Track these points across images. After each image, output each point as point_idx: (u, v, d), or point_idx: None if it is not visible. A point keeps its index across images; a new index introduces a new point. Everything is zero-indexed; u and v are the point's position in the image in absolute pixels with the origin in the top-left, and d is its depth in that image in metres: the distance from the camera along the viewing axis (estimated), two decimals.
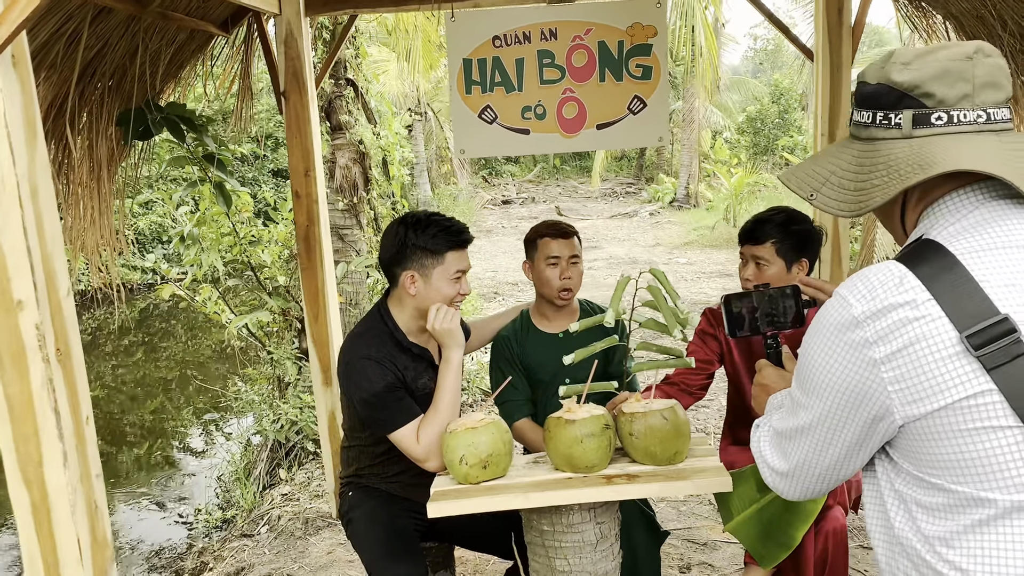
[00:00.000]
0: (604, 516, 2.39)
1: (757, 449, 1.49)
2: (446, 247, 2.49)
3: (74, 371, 1.76)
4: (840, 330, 1.21)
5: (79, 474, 1.73)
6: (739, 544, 3.79)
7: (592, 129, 3.89)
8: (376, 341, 2.51)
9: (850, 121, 1.41)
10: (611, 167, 27.76)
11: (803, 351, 1.30)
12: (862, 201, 1.29)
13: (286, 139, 3.86)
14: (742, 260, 2.73)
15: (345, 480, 2.77)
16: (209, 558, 4.09)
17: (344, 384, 2.52)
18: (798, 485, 1.40)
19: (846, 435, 1.26)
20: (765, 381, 1.73)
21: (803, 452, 1.34)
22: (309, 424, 4.88)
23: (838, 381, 1.22)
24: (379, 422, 2.45)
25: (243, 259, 4.86)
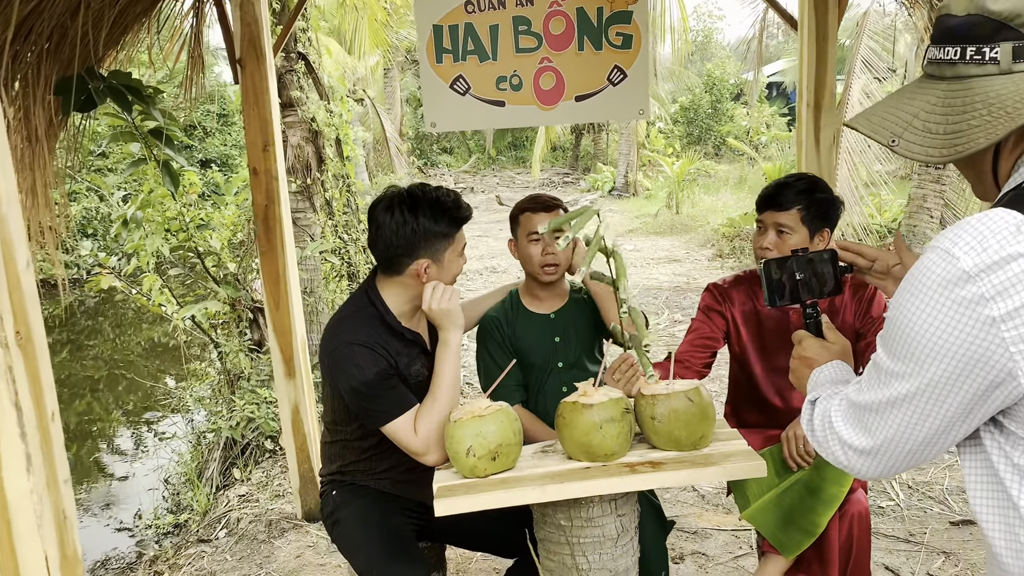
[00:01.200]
0: (624, 508, 2.20)
1: (822, 426, 1.34)
2: (456, 227, 2.28)
3: (37, 358, 1.48)
4: (946, 287, 1.08)
5: (45, 479, 1.46)
6: (731, 532, 3.67)
7: (571, 101, 3.69)
8: (365, 325, 2.27)
9: (924, 60, 1.27)
10: (547, 157, 27.65)
11: (895, 314, 1.15)
12: (957, 145, 1.16)
13: (242, 111, 3.57)
14: (759, 228, 2.57)
15: (327, 478, 2.52)
16: (163, 567, 3.78)
17: (329, 373, 2.27)
18: (882, 463, 1.25)
19: (951, 405, 1.12)
20: (807, 354, 1.57)
21: (895, 426, 1.19)
22: (267, 420, 4.58)
23: (946, 345, 1.08)
24: (371, 413, 2.21)
25: (190, 245, 4.52)
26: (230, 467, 4.68)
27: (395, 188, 2.31)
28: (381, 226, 2.24)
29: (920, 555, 3.36)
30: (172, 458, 5.28)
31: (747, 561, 3.40)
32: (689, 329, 2.76)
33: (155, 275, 4.46)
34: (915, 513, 3.71)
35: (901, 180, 10.26)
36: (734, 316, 2.71)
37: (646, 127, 21.52)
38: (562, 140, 26.66)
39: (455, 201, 2.28)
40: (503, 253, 12.04)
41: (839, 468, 2.37)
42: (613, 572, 2.19)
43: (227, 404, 4.79)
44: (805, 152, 3.70)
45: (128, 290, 5.18)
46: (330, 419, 2.45)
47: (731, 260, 10.58)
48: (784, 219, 2.49)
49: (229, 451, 4.74)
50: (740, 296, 2.72)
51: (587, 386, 2.17)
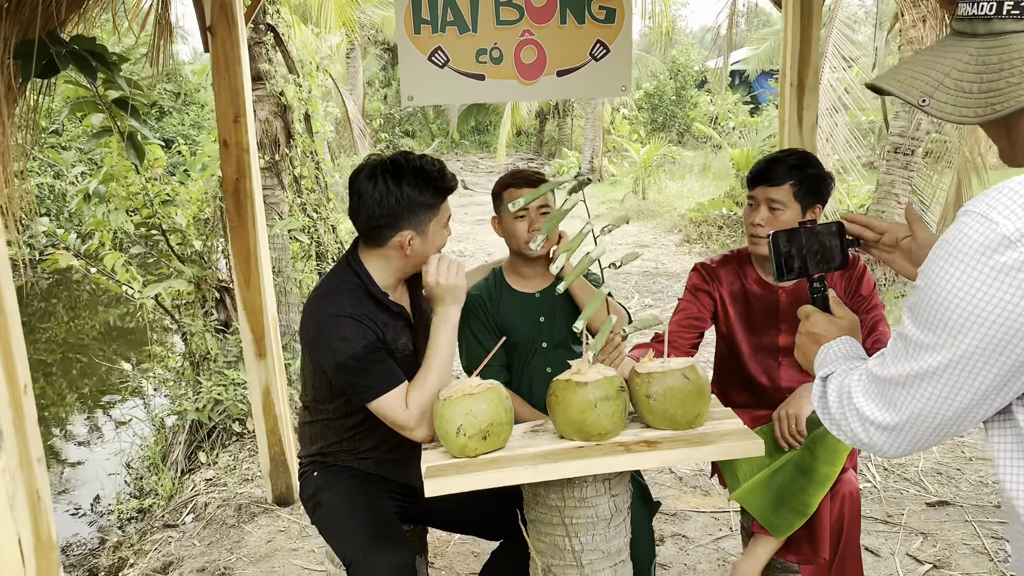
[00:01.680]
0: (618, 488, 2.15)
1: (838, 403, 1.29)
2: (441, 197, 2.20)
3: (8, 327, 1.37)
4: (984, 253, 1.03)
5: (17, 458, 1.36)
6: (710, 514, 3.64)
7: (552, 76, 3.60)
8: (351, 296, 2.17)
9: (953, 17, 1.21)
10: (511, 142, 27.52)
11: (927, 283, 1.10)
12: (994, 104, 1.11)
13: (213, 81, 3.43)
14: (751, 204, 2.52)
15: (307, 460, 2.42)
16: (128, 553, 3.65)
17: (312, 347, 2.17)
18: (906, 439, 1.20)
19: (986, 377, 1.08)
20: (815, 329, 1.53)
21: (923, 400, 1.14)
22: (235, 402, 4.45)
23: (983, 314, 1.03)
24: (359, 388, 2.12)
25: (154, 222, 4.35)
26: (196, 451, 4.54)
27: (377, 156, 2.21)
28: (363, 195, 2.14)
29: (898, 536, 3.37)
30: (134, 442, 5.12)
31: (727, 543, 3.38)
32: (676, 309, 2.71)
33: (118, 252, 4.29)
34: (892, 495, 3.72)
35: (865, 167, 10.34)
36: (722, 295, 2.66)
37: (611, 113, 21.52)
38: (527, 125, 26.52)
39: (440, 170, 2.19)
40: (468, 237, 11.95)
41: (831, 448, 2.34)
42: (606, 553, 2.13)
43: (193, 386, 4.65)
44: (788, 132, 3.67)
45: (87, 269, 5.00)
46: (311, 398, 2.35)
47: (698, 245, 10.60)
48: (776, 194, 2.44)
49: (195, 434, 4.60)
50: (728, 275, 2.67)
51: (581, 364, 2.11)
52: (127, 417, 5.92)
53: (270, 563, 3.38)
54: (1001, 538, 3.31)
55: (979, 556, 3.19)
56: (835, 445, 2.35)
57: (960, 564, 3.14)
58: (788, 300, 2.60)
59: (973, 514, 3.51)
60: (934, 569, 3.12)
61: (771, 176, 2.43)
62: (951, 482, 3.82)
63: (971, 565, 3.13)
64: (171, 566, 3.43)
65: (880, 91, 1.23)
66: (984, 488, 3.75)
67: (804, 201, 2.43)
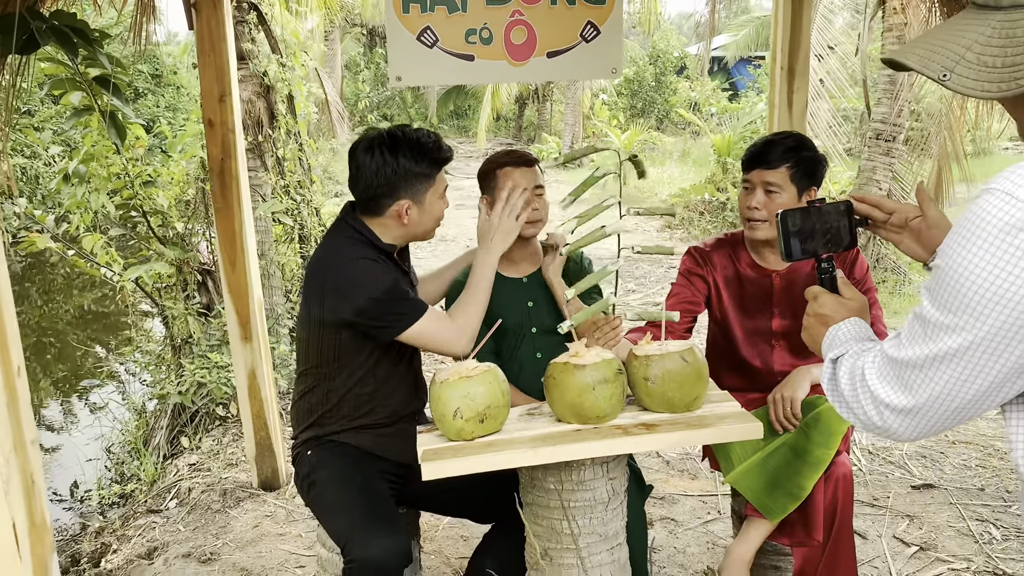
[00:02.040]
0: (616, 471, 2.14)
1: (850, 385, 1.26)
2: (437, 167, 2.26)
3: (1, 309, 1.33)
4: (1009, 232, 1.00)
5: (11, 441, 1.32)
6: (698, 497, 3.65)
7: (542, 57, 3.56)
8: (360, 245, 2.24)
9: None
10: (491, 127, 27.41)
11: (947, 262, 1.08)
12: (1018, 79, 1.09)
13: (197, 59, 3.36)
14: (746, 187, 2.50)
15: (302, 439, 2.39)
16: (111, 538, 3.60)
17: (332, 296, 2.18)
18: (922, 423, 1.18)
19: (1007, 360, 1.06)
20: (823, 311, 1.49)
21: (941, 383, 1.12)
22: (219, 386, 4.39)
23: (1007, 294, 1.01)
24: (395, 319, 2.17)
25: (135, 203, 4.27)
26: (178, 435, 4.49)
27: (375, 130, 2.26)
28: (362, 167, 2.21)
29: (885, 519, 3.39)
30: (114, 427, 5.05)
31: (716, 526, 3.39)
32: (669, 294, 2.69)
33: (98, 234, 4.20)
34: (877, 478, 3.75)
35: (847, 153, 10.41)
36: (715, 279, 2.65)
37: (591, 98, 21.48)
38: (507, 110, 26.41)
39: (436, 142, 2.26)
40: (449, 220, 11.86)
41: (826, 431, 2.34)
42: (603, 536, 2.13)
43: (176, 370, 4.59)
44: (778, 116, 3.66)
45: (64, 251, 4.91)
46: (313, 360, 2.31)
47: (680, 231, 10.61)
48: (772, 177, 2.43)
49: (177, 419, 4.55)
50: (721, 259, 2.66)
51: (579, 346, 2.09)
52: (105, 402, 5.84)
53: (257, 548, 3.34)
54: (986, 520, 3.35)
55: (964, 538, 3.22)
56: (830, 428, 2.35)
57: (946, 546, 3.17)
58: (781, 284, 2.59)
59: (957, 497, 3.55)
60: (920, 551, 3.14)
61: (767, 159, 2.42)
62: (935, 465, 3.86)
63: (956, 547, 3.16)
64: (155, 551, 3.39)
65: (898, 66, 1.21)
66: (967, 471, 3.79)
67: (800, 184, 2.42)
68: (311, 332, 2.27)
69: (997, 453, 3.96)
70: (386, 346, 2.28)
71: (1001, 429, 4.22)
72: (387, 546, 2.06)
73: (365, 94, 17.01)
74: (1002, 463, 3.85)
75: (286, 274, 5.33)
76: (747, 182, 2.49)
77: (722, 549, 3.21)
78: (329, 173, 14.11)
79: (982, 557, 3.08)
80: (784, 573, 2.71)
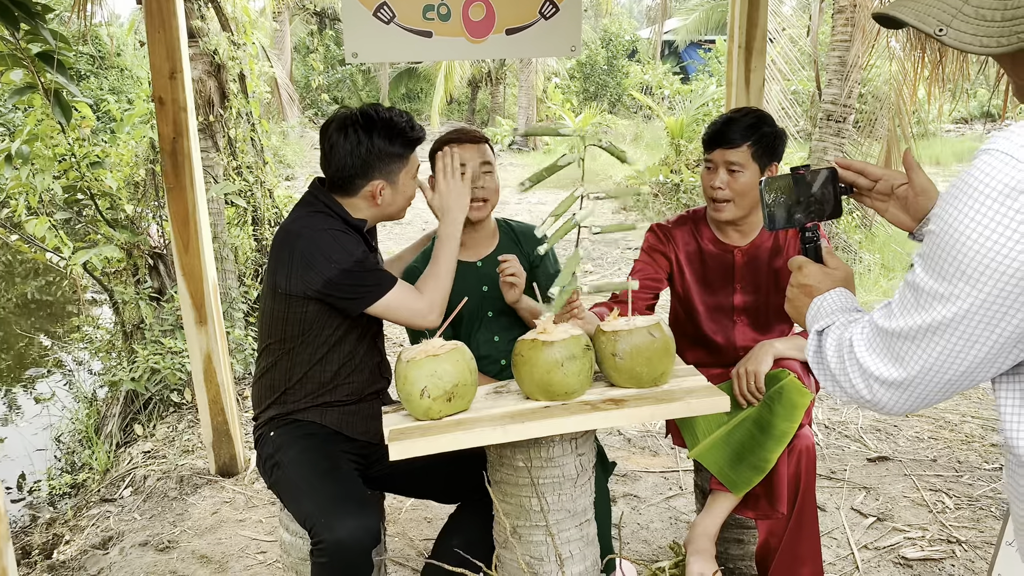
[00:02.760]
0: (584, 447, 2.13)
1: (837, 357, 1.23)
2: (410, 148, 2.25)
3: None
4: (1009, 195, 0.96)
5: None
6: (659, 473, 3.68)
7: (501, 34, 3.53)
8: (327, 219, 2.21)
9: None
10: (443, 110, 27.22)
11: (942, 227, 1.04)
12: (1019, 32, 1.03)
13: (146, 35, 3.25)
14: (708, 167, 2.50)
15: (264, 419, 2.34)
16: (63, 529, 3.50)
17: (298, 267, 2.13)
18: (913, 396, 1.14)
19: (1004, 329, 1.02)
20: (807, 281, 1.45)
21: (934, 355, 1.08)
22: (173, 371, 4.29)
23: (1006, 260, 0.97)
24: (365, 290, 2.14)
25: (83, 185, 4.14)
26: (131, 423, 4.38)
27: (346, 109, 2.24)
28: (334, 146, 2.19)
29: (843, 491, 3.45)
30: (63, 416, 4.92)
31: (678, 501, 3.42)
32: (632, 270, 2.68)
33: (46, 217, 4.06)
34: (834, 451, 3.81)
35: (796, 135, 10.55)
36: (678, 256, 2.65)
37: (544, 81, 21.45)
38: (459, 92, 26.23)
39: (409, 122, 2.25)
40: None
41: (789, 404, 2.35)
42: (572, 512, 2.12)
43: (127, 356, 4.47)
44: (735, 94, 3.67)
45: (7, 237, 4.75)
46: (278, 337, 2.26)
47: (635, 213, 10.67)
48: (734, 156, 2.43)
49: (130, 406, 4.44)
50: (683, 235, 2.66)
51: (547, 323, 2.07)
52: (52, 391, 5.68)
53: (216, 535, 3.28)
54: (939, 490, 3.43)
55: (919, 508, 3.30)
56: (793, 401, 2.37)
57: (902, 516, 3.24)
58: (743, 259, 2.60)
59: (911, 468, 3.62)
60: (878, 521, 3.21)
61: (729, 138, 2.41)
62: (889, 438, 3.94)
63: (911, 516, 3.23)
64: (110, 541, 3.31)
65: (892, 21, 1.15)
66: (920, 443, 3.88)
67: (761, 161, 2.43)
68: (276, 305, 2.22)
69: (948, 425, 4.05)
70: (351, 322, 2.24)
71: (953, 402, 4.33)
72: (356, 526, 2.02)
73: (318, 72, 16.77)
74: (953, 435, 3.95)
75: (240, 257, 5.22)
76: (709, 161, 2.49)
77: (685, 524, 3.24)
78: (280, 156, 13.89)
79: (936, 526, 3.16)
80: (747, 546, 2.75)
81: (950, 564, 2.90)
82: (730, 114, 2.49)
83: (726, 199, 2.47)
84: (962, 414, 4.17)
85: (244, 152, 5.18)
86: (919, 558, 2.94)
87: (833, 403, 4.35)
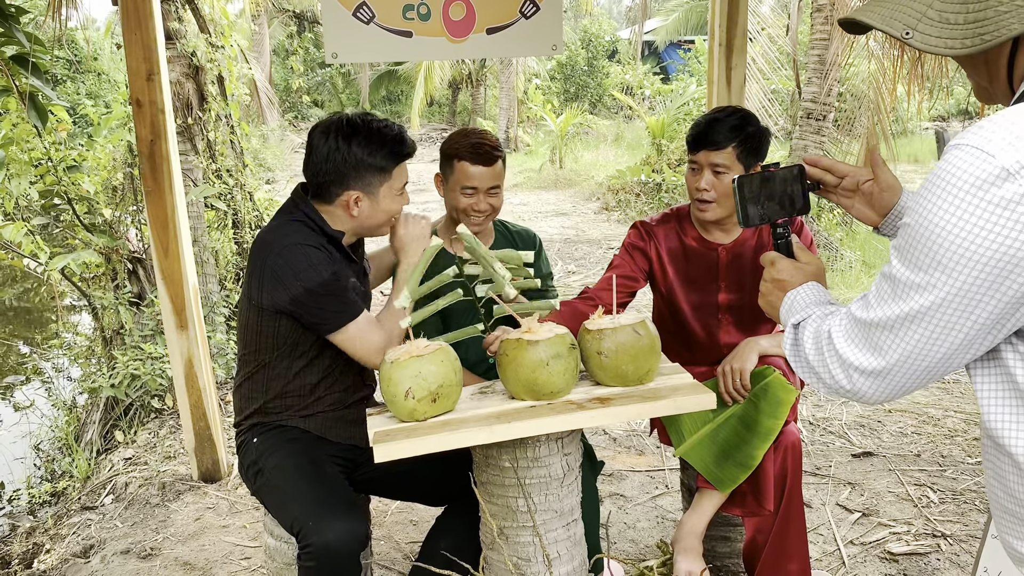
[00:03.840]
0: (570, 447, 2.12)
1: (815, 349, 1.25)
2: (394, 161, 2.16)
3: None
4: (981, 187, 0.99)
5: None
6: (645, 472, 3.67)
7: (481, 34, 3.52)
8: (304, 230, 2.15)
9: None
10: (423, 112, 27.16)
11: (917, 220, 1.06)
12: (984, 34, 1.08)
13: (123, 36, 3.21)
14: (693, 169, 2.48)
15: (245, 425, 2.31)
16: (43, 538, 3.45)
17: (269, 282, 2.09)
18: (891, 384, 1.16)
19: (978, 316, 1.05)
20: (780, 276, 1.47)
21: (911, 343, 1.11)
22: (154, 377, 4.24)
23: (979, 250, 1.00)
24: (329, 316, 2.09)
25: (60, 190, 4.08)
26: (112, 430, 4.33)
27: (338, 114, 2.20)
28: (314, 149, 2.15)
29: (828, 487, 3.46)
30: (43, 424, 4.85)
31: (665, 500, 3.42)
32: (610, 265, 2.66)
33: (21, 222, 4.01)
34: (819, 448, 3.82)
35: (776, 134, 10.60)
36: (660, 253, 2.64)
37: (524, 82, 21.44)
38: (440, 94, 26.19)
39: (398, 135, 2.17)
40: None
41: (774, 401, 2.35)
42: (559, 512, 2.11)
43: (107, 363, 4.42)
44: (716, 92, 3.68)
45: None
46: (252, 346, 2.22)
47: (617, 212, 10.68)
48: (719, 158, 2.40)
49: (110, 412, 4.38)
50: (666, 233, 2.65)
51: (531, 322, 2.06)
52: (31, 399, 5.61)
53: (200, 541, 3.24)
54: (923, 484, 3.44)
55: (904, 503, 3.31)
56: (779, 398, 2.37)
57: (887, 511, 3.25)
58: (728, 258, 2.60)
59: (896, 463, 3.64)
60: (863, 517, 3.21)
61: (714, 139, 2.38)
62: (873, 434, 3.95)
63: (896, 511, 3.24)
64: (92, 549, 3.26)
65: (858, 26, 1.20)
66: (904, 438, 3.89)
67: (746, 161, 2.41)
68: (251, 315, 2.19)
69: (931, 420, 4.08)
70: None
71: (935, 397, 4.35)
72: (344, 530, 2.00)
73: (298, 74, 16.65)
74: (936, 430, 3.97)
75: (220, 261, 5.18)
76: (694, 163, 2.47)
77: (671, 523, 3.24)
78: (260, 160, 13.81)
79: (921, 520, 3.17)
80: (735, 543, 2.74)
81: (935, 558, 2.91)
82: (713, 114, 2.46)
83: (711, 200, 2.46)
84: (945, 409, 4.20)
85: (224, 155, 5.13)
86: (905, 552, 2.95)
87: (818, 400, 4.37)
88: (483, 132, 2.60)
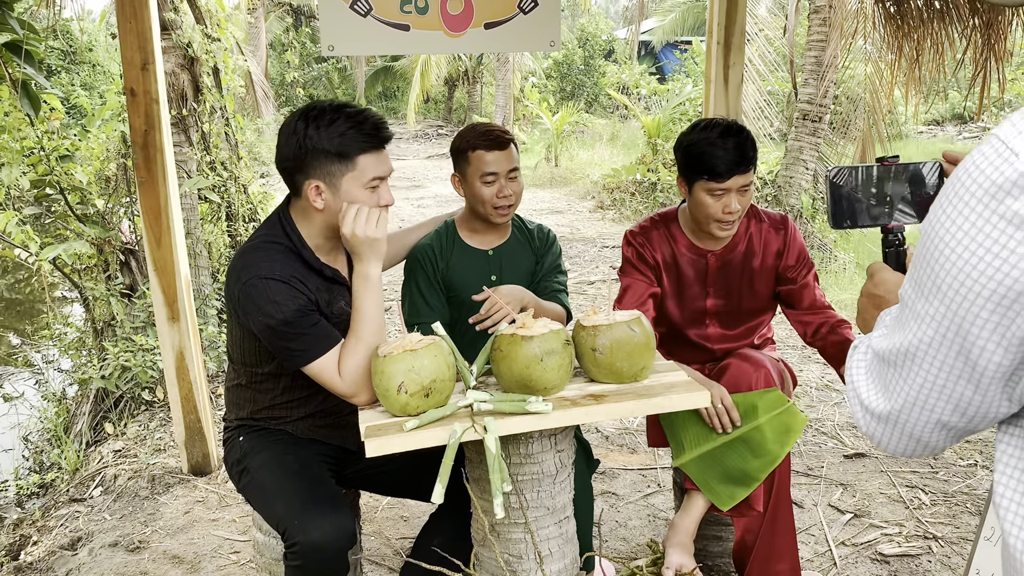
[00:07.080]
0: (563, 444, 2.11)
1: (849, 381, 1.05)
2: (357, 149, 2.00)
3: None
4: (995, 196, 0.77)
5: None
6: (637, 471, 3.66)
7: (480, 28, 3.51)
8: (279, 257, 2.04)
9: None
10: (419, 109, 27.11)
11: (928, 228, 0.86)
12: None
13: (117, 26, 3.19)
14: (716, 196, 2.38)
15: (234, 423, 2.29)
16: (30, 530, 3.43)
17: (239, 308, 2.03)
18: (904, 434, 0.95)
19: (986, 363, 0.82)
20: (877, 291, 1.26)
21: (914, 385, 0.90)
22: (144, 369, 4.22)
23: (981, 278, 0.79)
24: (292, 353, 2.00)
25: (52, 180, 4.05)
26: (101, 421, 4.30)
27: (317, 101, 2.10)
28: (279, 140, 2.05)
29: (820, 487, 3.46)
30: (32, 415, 4.82)
31: (656, 499, 3.41)
32: (625, 291, 2.58)
33: (13, 211, 3.97)
34: (811, 448, 3.82)
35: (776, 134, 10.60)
36: (657, 260, 2.61)
37: (521, 80, 21.40)
38: (436, 91, 26.13)
39: (368, 124, 2.01)
40: None
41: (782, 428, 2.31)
42: (551, 509, 2.10)
43: (98, 354, 4.39)
44: (714, 91, 3.67)
45: None
46: (238, 359, 2.21)
47: (612, 211, 10.67)
48: (747, 179, 2.37)
49: (100, 404, 4.36)
50: (660, 240, 2.61)
51: (526, 317, 2.05)
52: (21, 390, 5.57)
53: (189, 535, 3.22)
54: (915, 486, 3.44)
55: (895, 504, 3.31)
56: (787, 425, 2.34)
57: (878, 512, 3.25)
58: (717, 264, 2.58)
59: (888, 465, 3.64)
60: (855, 518, 3.21)
61: (746, 160, 2.34)
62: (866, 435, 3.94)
63: (888, 513, 3.24)
64: (80, 541, 3.24)
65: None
66: None
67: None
68: (233, 328, 2.15)
69: None
70: None
71: None
72: (330, 527, 1.98)
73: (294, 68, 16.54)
74: None
75: (213, 253, 5.15)
76: (720, 190, 2.37)
77: (663, 522, 3.23)
78: (255, 154, 13.76)
79: (912, 521, 3.17)
80: (726, 543, 2.74)
81: (927, 560, 2.91)
82: (726, 135, 2.35)
83: (737, 219, 2.44)
84: (996, 467, 4.19)
85: (218, 147, 5.10)
86: (896, 554, 2.95)
87: (810, 400, 4.36)
88: (489, 122, 2.60)
